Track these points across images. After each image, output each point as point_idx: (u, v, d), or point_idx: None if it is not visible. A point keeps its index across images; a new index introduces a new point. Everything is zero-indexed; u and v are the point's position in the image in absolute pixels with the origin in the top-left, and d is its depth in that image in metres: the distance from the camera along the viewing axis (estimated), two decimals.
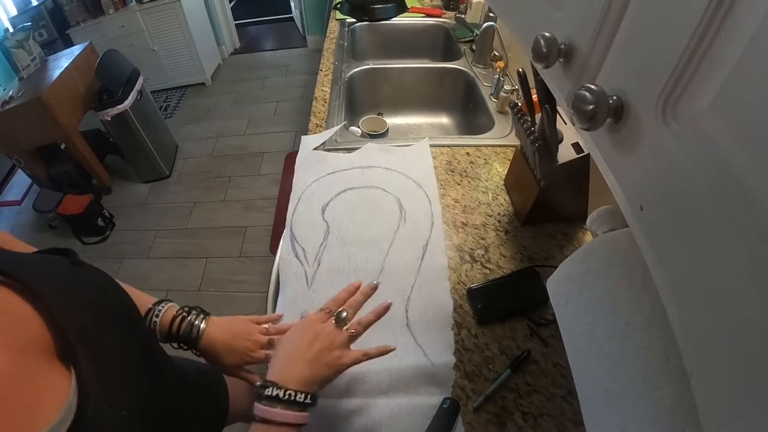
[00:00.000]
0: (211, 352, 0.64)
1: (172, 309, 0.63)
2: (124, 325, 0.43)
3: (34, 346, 0.33)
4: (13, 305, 0.34)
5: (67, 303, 0.36)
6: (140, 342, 0.46)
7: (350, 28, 1.68)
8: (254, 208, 2.34)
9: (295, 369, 0.50)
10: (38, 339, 0.34)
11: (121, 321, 0.43)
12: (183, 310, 0.63)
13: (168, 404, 0.47)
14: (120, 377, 0.37)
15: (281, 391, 0.47)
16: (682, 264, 0.24)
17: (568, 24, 0.37)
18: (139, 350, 0.44)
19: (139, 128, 2.33)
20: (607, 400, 0.41)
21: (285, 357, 0.52)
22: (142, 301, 0.61)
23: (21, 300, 0.34)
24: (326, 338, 0.53)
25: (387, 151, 1.09)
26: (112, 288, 0.46)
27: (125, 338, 0.41)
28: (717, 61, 0.21)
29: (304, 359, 0.51)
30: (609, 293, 0.44)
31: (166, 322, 0.61)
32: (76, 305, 0.37)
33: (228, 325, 0.66)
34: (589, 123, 0.29)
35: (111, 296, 0.44)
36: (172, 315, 0.62)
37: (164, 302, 0.63)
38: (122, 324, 0.43)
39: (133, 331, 0.45)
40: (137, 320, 0.50)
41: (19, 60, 2.21)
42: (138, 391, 0.39)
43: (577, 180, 0.79)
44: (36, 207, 2.23)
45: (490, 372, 0.68)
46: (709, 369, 0.22)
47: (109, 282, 0.46)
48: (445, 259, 0.84)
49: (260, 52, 3.85)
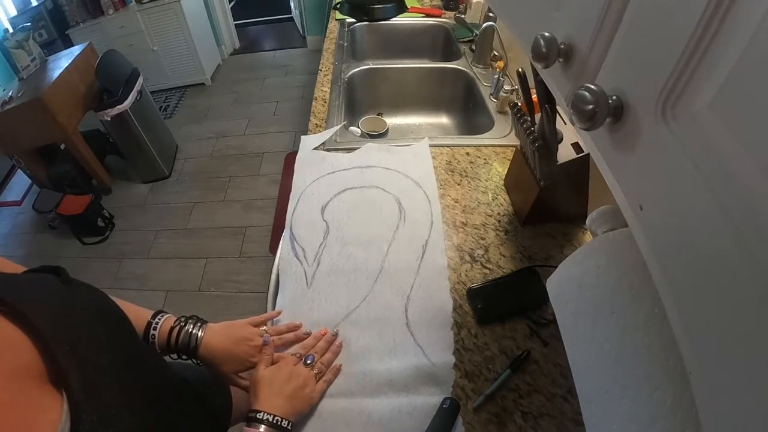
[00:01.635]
0: (211, 359, 0.64)
1: (169, 320, 0.63)
2: (119, 341, 0.43)
3: (26, 372, 0.32)
4: (2, 330, 0.33)
5: (58, 325, 0.36)
6: (136, 357, 0.45)
7: (350, 29, 1.68)
8: (254, 208, 2.34)
9: (277, 402, 0.59)
10: (30, 364, 0.33)
11: (115, 337, 0.42)
12: (180, 321, 0.64)
13: (166, 417, 0.47)
14: (114, 398, 0.36)
15: (270, 416, 0.56)
16: (681, 264, 0.24)
17: (568, 24, 0.37)
18: (134, 365, 0.43)
19: (138, 128, 2.33)
20: (607, 400, 0.41)
21: (267, 392, 0.60)
22: (138, 314, 0.61)
23: (11, 324, 0.34)
24: (299, 377, 0.63)
25: (387, 150, 1.09)
26: (104, 304, 0.46)
27: (120, 355, 0.41)
28: (717, 60, 0.21)
29: (284, 394, 0.60)
30: (609, 293, 0.44)
31: (164, 334, 0.62)
32: (67, 327, 0.37)
33: (227, 331, 0.66)
34: (588, 123, 0.29)
35: (103, 313, 0.44)
36: (170, 326, 0.62)
37: (161, 314, 0.64)
38: (116, 341, 0.42)
39: (127, 346, 0.45)
40: (131, 334, 0.49)
41: (19, 60, 2.20)
42: (133, 410, 0.38)
43: (577, 180, 0.79)
44: (36, 207, 2.23)
45: (490, 372, 0.68)
46: (709, 369, 0.22)
47: (100, 298, 0.46)
48: (445, 259, 0.84)
49: (260, 53, 3.85)
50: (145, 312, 0.63)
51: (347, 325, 0.74)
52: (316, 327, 0.74)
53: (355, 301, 0.78)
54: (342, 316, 0.76)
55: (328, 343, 0.70)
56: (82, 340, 0.37)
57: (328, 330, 0.73)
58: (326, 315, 0.76)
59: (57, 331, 0.35)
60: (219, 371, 0.65)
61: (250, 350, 0.66)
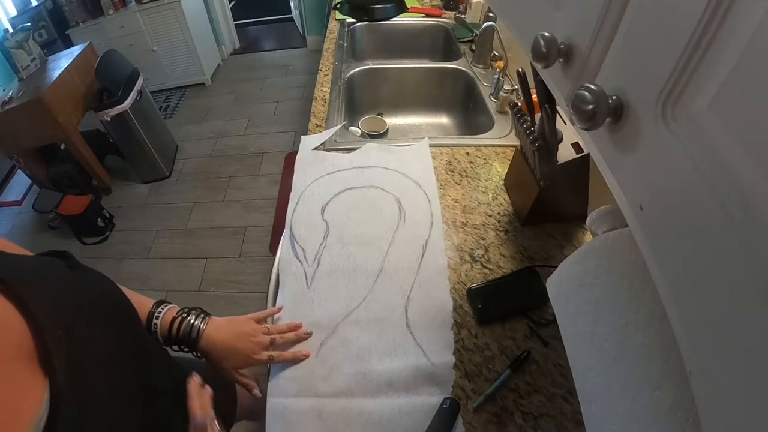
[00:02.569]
0: (211, 353, 0.63)
1: (172, 310, 0.62)
2: (119, 329, 0.42)
3: (18, 352, 0.32)
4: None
5: (55, 308, 0.35)
6: (135, 349, 0.45)
7: (350, 29, 1.68)
8: (254, 209, 2.33)
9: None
10: (23, 345, 0.33)
11: (116, 327, 0.42)
12: (183, 311, 0.63)
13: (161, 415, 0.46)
14: (102, 390, 0.36)
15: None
16: (681, 264, 0.24)
17: (568, 24, 0.37)
18: (132, 358, 0.43)
19: (138, 128, 2.33)
20: (608, 400, 0.41)
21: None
22: (142, 303, 0.60)
23: (6, 303, 0.33)
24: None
25: (387, 150, 1.09)
26: (109, 291, 0.45)
27: (118, 346, 0.40)
28: (716, 60, 0.21)
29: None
30: (609, 293, 0.44)
31: (165, 324, 0.61)
32: (64, 310, 0.36)
33: (230, 326, 0.66)
34: (588, 123, 0.29)
35: (106, 300, 0.44)
36: (172, 316, 0.62)
37: (164, 304, 0.63)
38: (117, 328, 0.42)
39: (128, 337, 0.44)
40: (134, 325, 0.49)
41: (19, 60, 2.20)
42: (121, 405, 0.38)
43: (577, 180, 0.79)
44: (36, 207, 2.22)
45: (490, 372, 0.68)
46: (709, 369, 0.22)
47: (106, 285, 0.46)
48: (445, 259, 0.84)
49: (260, 53, 3.85)
50: (148, 301, 0.62)
51: (347, 325, 0.74)
52: (316, 327, 0.74)
53: (355, 301, 0.78)
54: (342, 316, 0.76)
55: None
56: (80, 325, 0.37)
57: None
58: (326, 315, 0.76)
59: (52, 314, 0.35)
60: (219, 366, 0.65)
61: (253, 346, 0.66)
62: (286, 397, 0.67)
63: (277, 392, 0.67)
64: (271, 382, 0.69)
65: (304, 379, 0.68)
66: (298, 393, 0.67)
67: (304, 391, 0.67)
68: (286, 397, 0.67)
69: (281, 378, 0.69)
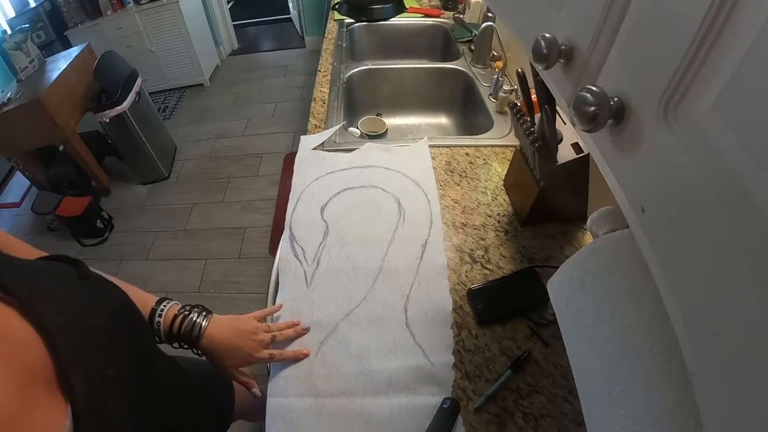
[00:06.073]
0: (212, 351, 0.63)
1: (174, 307, 0.62)
2: (130, 346, 0.41)
3: (35, 375, 0.31)
4: (14, 328, 0.31)
5: (70, 325, 0.34)
6: (145, 362, 0.44)
7: (349, 29, 1.68)
8: (253, 209, 2.33)
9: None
10: (40, 367, 0.31)
11: (127, 342, 0.41)
12: (184, 309, 0.63)
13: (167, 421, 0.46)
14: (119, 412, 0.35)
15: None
16: (683, 266, 0.24)
17: (569, 25, 0.37)
18: (143, 372, 0.42)
19: (137, 130, 2.33)
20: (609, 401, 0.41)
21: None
22: (144, 300, 0.60)
23: (22, 320, 0.32)
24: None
25: (386, 150, 1.09)
26: (120, 305, 0.44)
27: (130, 363, 0.39)
28: (719, 62, 0.21)
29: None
30: (610, 294, 0.44)
31: (167, 321, 0.60)
32: (79, 327, 0.35)
33: (232, 323, 0.66)
34: (590, 125, 0.29)
35: (118, 315, 0.42)
36: (174, 313, 0.61)
37: (166, 301, 0.63)
38: (128, 346, 0.40)
39: (138, 351, 0.43)
40: (144, 336, 0.48)
41: (17, 62, 2.20)
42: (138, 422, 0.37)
43: (577, 180, 0.79)
44: (35, 209, 2.22)
45: (491, 373, 0.68)
46: (711, 370, 0.22)
47: (117, 299, 0.44)
48: (444, 259, 0.84)
49: (259, 53, 3.85)
50: (151, 298, 0.62)
51: (347, 325, 0.74)
52: (316, 326, 0.74)
53: (355, 300, 0.78)
54: (341, 316, 0.75)
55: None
56: (93, 346, 0.35)
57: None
58: (326, 315, 0.76)
59: (67, 331, 0.33)
60: (219, 364, 0.65)
61: (254, 344, 0.66)
62: (286, 396, 0.67)
63: (277, 392, 0.67)
64: (271, 381, 0.69)
65: (304, 378, 0.68)
66: (298, 393, 0.67)
67: (304, 391, 0.67)
68: (286, 397, 0.67)
69: (281, 378, 0.69)
